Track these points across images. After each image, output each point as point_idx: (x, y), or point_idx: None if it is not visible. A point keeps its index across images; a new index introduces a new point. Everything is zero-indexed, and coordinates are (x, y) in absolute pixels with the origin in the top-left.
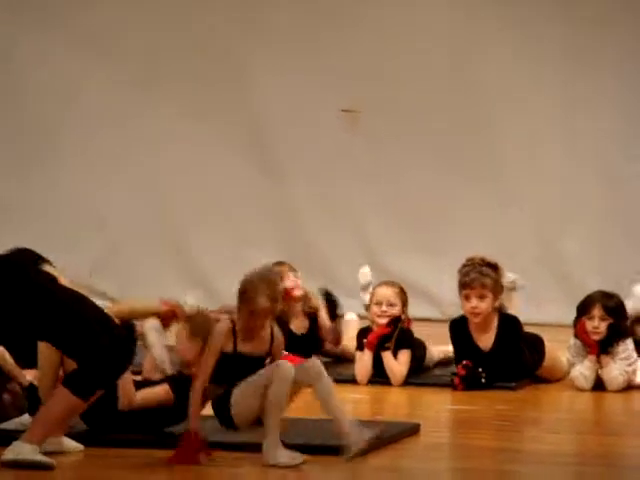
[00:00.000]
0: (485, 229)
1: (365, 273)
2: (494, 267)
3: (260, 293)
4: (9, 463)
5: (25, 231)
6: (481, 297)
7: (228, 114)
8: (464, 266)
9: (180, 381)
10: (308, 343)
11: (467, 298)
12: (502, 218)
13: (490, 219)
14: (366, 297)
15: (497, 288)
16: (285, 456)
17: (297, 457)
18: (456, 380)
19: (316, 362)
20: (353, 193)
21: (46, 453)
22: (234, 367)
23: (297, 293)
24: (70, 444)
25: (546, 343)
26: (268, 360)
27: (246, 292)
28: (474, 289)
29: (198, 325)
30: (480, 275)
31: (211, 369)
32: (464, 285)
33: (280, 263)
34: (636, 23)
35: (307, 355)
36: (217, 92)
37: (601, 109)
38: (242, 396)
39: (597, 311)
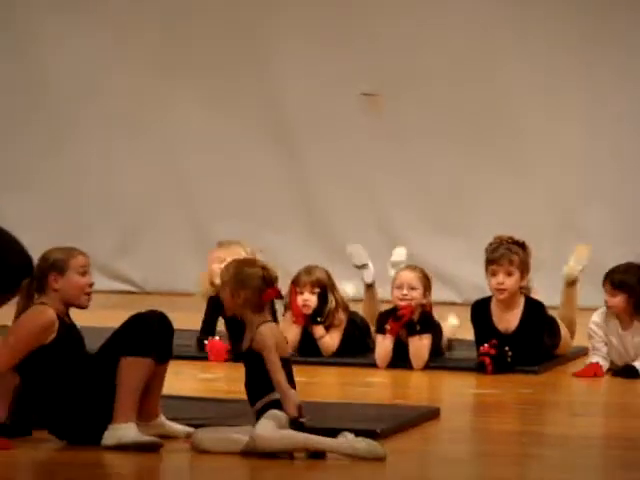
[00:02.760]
0: (506, 213)
1: (400, 253)
2: (522, 245)
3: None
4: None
5: (45, 213)
6: (508, 274)
7: (248, 98)
8: (491, 244)
9: None
10: None
11: (494, 274)
12: (523, 203)
13: (511, 203)
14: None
15: (524, 266)
16: None
17: None
18: (487, 360)
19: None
20: (373, 176)
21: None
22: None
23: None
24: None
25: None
26: None
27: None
28: (501, 265)
29: None
30: (508, 252)
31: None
32: (491, 261)
33: (309, 270)
34: None
35: None
36: (237, 76)
37: (621, 90)
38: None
39: (607, 286)
